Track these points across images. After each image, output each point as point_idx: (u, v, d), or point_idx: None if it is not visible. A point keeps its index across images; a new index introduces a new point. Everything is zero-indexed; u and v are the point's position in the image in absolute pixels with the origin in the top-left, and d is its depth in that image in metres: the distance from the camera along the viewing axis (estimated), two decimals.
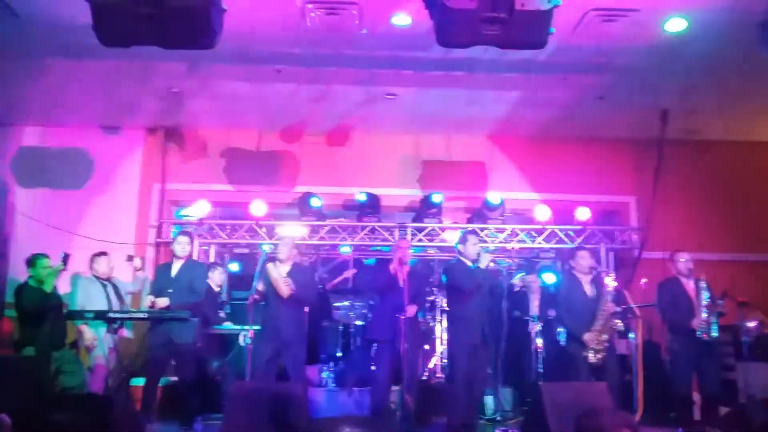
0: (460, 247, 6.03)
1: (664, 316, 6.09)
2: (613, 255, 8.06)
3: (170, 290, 5.76)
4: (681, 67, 6.22)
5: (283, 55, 6.15)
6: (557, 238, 7.93)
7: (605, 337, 5.66)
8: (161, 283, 5.90)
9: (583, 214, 7.80)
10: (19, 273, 5.98)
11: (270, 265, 5.80)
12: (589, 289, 5.91)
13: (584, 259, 6.03)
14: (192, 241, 6.21)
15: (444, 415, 5.97)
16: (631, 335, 6.44)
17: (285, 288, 5.74)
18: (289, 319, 5.77)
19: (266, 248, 6.17)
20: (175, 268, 5.93)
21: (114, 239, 7.34)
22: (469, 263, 5.88)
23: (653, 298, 6.24)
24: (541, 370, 6.09)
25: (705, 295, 5.77)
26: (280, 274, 5.81)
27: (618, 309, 5.72)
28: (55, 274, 5.72)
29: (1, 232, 4.75)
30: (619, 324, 5.71)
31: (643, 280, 6.71)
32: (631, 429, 2.05)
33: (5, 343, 5.57)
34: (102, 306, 5.87)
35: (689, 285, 5.97)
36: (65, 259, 5.70)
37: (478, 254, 5.87)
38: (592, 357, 5.62)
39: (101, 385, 5.80)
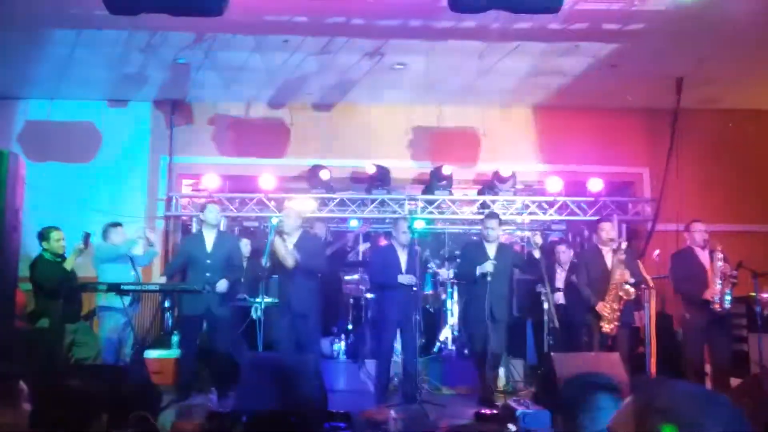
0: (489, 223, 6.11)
1: (677, 286, 6.04)
2: (626, 227, 7.98)
3: (208, 261, 5.77)
4: (697, 34, 6.05)
5: (290, 25, 6.04)
6: (569, 210, 7.84)
7: (617, 306, 5.62)
8: (196, 253, 5.86)
9: (595, 185, 7.70)
10: (29, 246, 5.96)
11: (276, 240, 5.74)
12: (609, 261, 5.83)
13: (605, 231, 5.96)
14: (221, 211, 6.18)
15: (456, 385, 5.99)
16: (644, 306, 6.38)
17: (289, 259, 5.70)
18: (300, 291, 5.74)
19: (275, 221, 6.12)
20: (209, 240, 5.88)
21: (123, 212, 7.33)
22: (486, 245, 5.99)
23: (666, 270, 6.17)
24: (551, 342, 6.05)
25: (718, 266, 5.71)
26: (286, 247, 5.75)
27: (630, 279, 5.64)
28: (76, 253, 5.67)
29: (13, 205, 4.70)
30: (631, 291, 5.60)
31: (656, 252, 6.64)
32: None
33: (20, 316, 5.55)
34: (129, 277, 5.86)
35: (704, 256, 5.90)
36: (86, 238, 5.64)
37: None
38: (605, 327, 5.59)
39: (115, 357, 5.82)
